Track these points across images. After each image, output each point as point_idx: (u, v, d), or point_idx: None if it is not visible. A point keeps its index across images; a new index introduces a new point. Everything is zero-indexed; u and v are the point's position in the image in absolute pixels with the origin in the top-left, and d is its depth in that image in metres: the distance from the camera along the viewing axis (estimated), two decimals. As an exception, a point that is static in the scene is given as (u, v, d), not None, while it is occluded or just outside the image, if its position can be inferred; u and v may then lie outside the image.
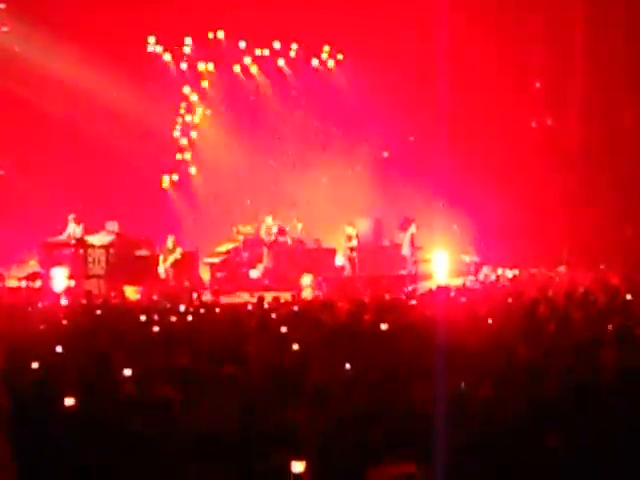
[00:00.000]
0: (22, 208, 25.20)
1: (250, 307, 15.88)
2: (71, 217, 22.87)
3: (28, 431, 6.87)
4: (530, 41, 28.42)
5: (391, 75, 27.32)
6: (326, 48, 29.09)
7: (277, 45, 28.46)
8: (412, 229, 24.76)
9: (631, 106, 28.10)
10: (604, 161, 27.37)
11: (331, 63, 29.28)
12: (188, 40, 28.13)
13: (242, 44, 28.24)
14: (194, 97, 28.84)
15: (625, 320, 11.50)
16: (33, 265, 23.47)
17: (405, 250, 24.77)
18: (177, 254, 23.26)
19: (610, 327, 10.94)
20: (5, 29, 26.13)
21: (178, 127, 28.76)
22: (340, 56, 29.10)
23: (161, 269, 23.29)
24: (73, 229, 22.77)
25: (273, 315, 13.92)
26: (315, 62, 29.20)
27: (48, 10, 24.77)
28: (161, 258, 23.39)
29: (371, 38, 26.88)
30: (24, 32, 25.60)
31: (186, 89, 28.69)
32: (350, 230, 24.74)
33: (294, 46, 28.72)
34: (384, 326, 11.14)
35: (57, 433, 6.99)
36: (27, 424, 6.98)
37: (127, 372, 8.58)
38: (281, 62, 28.87)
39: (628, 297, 15.06)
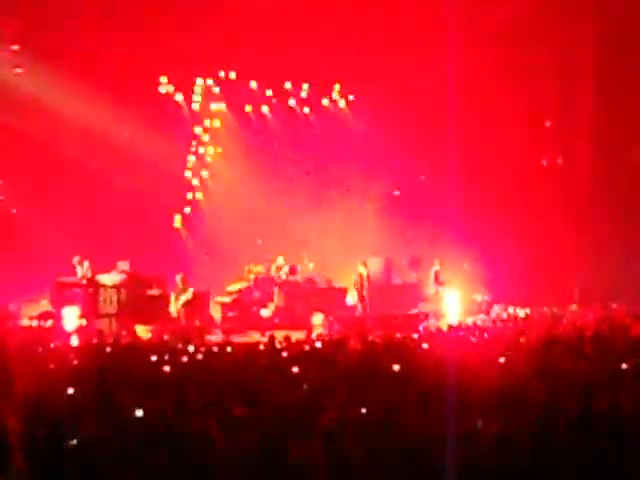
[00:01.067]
0: (34, 247, 25.26)
1: (261, 347, 15.84)
2: (75, 260, 22.91)
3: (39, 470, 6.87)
4: (541, 79, 28.51)
5: (402, 113, 27.42)
6: (337, 87, 29.27)
7: (288, 85, 28.69)
8: (436, 266, 24.85)
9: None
10: (615, 200, 27.35)
11: (342, 102, 29.44)
12: (200, 80, 28.39)
13: (254, 84, 28.48)
14: (206, 137, 29.03)
15: (637, 358, 11.44)
16: (44, 304, 23.49)
17: (430, 288, 24.85)
18: (189, 294, 23.26)
19: (624, 366, 10.90)
20: (19, 70, 26.34)
21: (190, 166, 28.90)
22: (351, 96, 29.28)
23: (172, 308, 23.29)
24: (81, 269, 22.81)
25: (284, 354, 13.88)
26: (326, 101, 29.37)
27: (61, 51, 25.00)
28: (172, 297, 23.39)
29: (382, 77, 27.03)
30: (38, 73, 25.80)
31: (198, 129, 28.90)
32: (361, 269, 24.76)
33: (305, 86, 28.91)
34: (396, 367, 11.09)
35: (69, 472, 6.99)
36: (38, 463, 6.96)
37: (138, 413, 8.55)
38: (292, 102, 29.05)
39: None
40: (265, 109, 29.16)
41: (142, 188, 26.56)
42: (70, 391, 10.09)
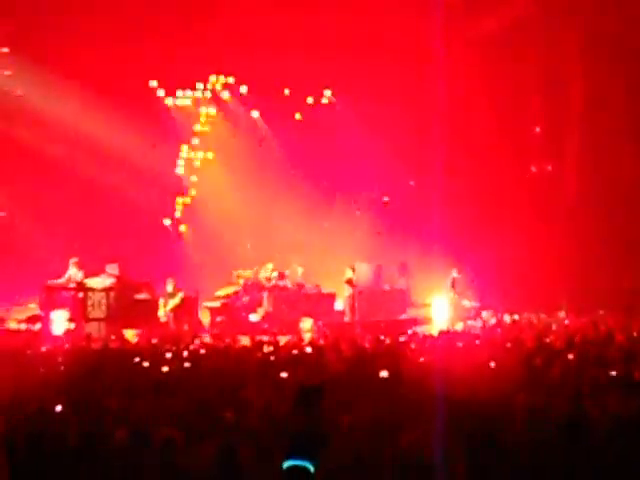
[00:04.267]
0: (23, 250, 25.22)
1: (250, 351, 15.82)
2: (72, 261, 22.81)
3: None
4: (530, 86, 28.58)
5: (392, 120, 27.43)
6: (327, 93, 29.28)
7: (279, 91, 28.64)
8: (453, 273, 24.93)
9: (631, 153, 28.20)
10: (603, 207, 27.41)
11: (332, 108, 29.41)
12: (192, 84, 28.38)
13: (244, 89, 28.50)
14: (196, 141, 29.00)
15: (625, 365, 11.47)
16: (33, 308, 23.43)
17: (447, 294, 24.97)
18: (177, 299, 23.28)
19: (610, 373, 10.92)
20: (8, 72, 26.32)
21: (180, 171, 28.88)
22: (341, 102, 29.25)
23: (161, 312, 23.29)
24: (74, 272, 22.72)
25: (272, 359, 13.88)
26: (316, 107, 29.35)
27: (51, 54, 24.97)
28: (161, 302, 23.39)
29: (373, 84, 27.05)
30: (27, 75, 25.79)
31: (188, 133, 28.86)
32: (349, 274, 24.77)
33: (296, 92, 28.90)
34: (384, 373, 11.08)
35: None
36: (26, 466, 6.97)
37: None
38: (282, 107, 29.03)
39: (627, 341, 15.03)
40: (255, 114, 29.16)
41: (132, 192, 26.53)
42: (57, 393, 10.07)
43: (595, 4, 27.37)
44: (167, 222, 28.48)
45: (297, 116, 29.24)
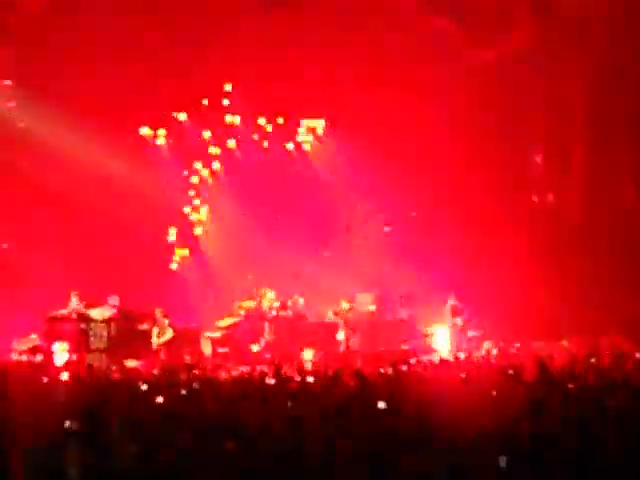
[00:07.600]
0: (24, 281, 25.24)
1: (251, 381, 15.78)
2: (74, 293, 22.89)
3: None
4: (531, 115, 28.63)
5: (393, 149, 27.48)
6: (322, 123, 29.29)
7: (279, 121, 28.66)
8: (451, 301, 24.90)
9: (633, 183, 28.25)
10: (606, 236, 27.42)
11: (333, 137, 29.44)
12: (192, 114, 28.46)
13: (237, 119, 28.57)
14: (196, 177, 28.95)
15: (627, 395, 11.44)
16: (34, 339, 23.44)
17: (446, 321, 24.93)
18: (169, 334, 23.14)
19: (612, 402, 10.89)
20: (12, 104, 26.44)
21: (180, 199, 28.86)
22: (342, 132, 29.28)
23: (154, 339, 23.15)
24: (76, 304, 22.77)
25: (275, 390, 13.84)
26: (314, 137, 29.38)
27: (54, 86, 25.09)
28: (155, 331, 23.22)
29: (372, 113, 27.11)
30: (30, 107, 25.91)
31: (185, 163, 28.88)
32: (345, 305, 24.89)
33: (296, 121, 28.97)
34: (382, 404, 11.06)
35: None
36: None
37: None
38: (286, 141, 29.08)
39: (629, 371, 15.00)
40: (256, 147, 29.10)
41: (133, 223, 26.56)
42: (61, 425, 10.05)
43: (598, 35, 27.48)
44: (168, 253, 28.46)
45: (290, 146, 29.20)
